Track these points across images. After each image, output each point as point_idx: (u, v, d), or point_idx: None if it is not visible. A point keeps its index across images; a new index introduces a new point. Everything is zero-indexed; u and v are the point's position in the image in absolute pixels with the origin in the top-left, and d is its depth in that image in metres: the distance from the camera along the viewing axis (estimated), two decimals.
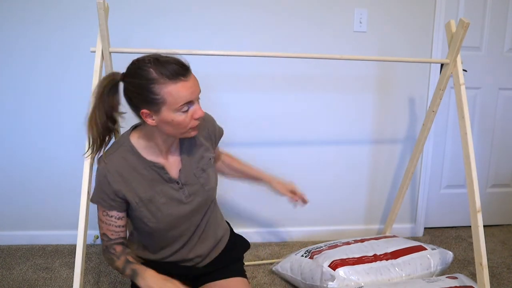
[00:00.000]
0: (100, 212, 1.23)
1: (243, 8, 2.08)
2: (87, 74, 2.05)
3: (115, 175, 1.18)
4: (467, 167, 1.64)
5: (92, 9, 2.01)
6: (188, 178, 1.26)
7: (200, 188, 1.28)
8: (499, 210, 2.59)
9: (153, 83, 1.07)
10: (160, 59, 1.10)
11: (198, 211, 1.30)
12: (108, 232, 1.23)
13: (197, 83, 1.13)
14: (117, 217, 1.22)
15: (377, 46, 2.21)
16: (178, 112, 1.10)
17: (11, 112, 2.09)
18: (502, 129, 2.48)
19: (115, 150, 1.21)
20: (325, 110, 2.24)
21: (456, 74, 1.71)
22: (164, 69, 1.07)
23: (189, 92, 1.09)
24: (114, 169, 1.18)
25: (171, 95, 1.07)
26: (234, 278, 1.37)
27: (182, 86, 1.08)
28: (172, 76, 1.07)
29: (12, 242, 2.20)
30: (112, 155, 1.20)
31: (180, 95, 1.08)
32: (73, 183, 2.16)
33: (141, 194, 1.21)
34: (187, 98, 1.09)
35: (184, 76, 1.08)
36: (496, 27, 2.33)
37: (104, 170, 1.18)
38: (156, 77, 1.07)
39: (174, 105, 1.08)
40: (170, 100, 1.08)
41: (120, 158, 1.20)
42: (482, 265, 1.56)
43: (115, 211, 1.21)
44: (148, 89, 1.08)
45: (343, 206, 2.38)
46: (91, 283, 1.85)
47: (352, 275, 1.66)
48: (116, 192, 1.18)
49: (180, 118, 1.11)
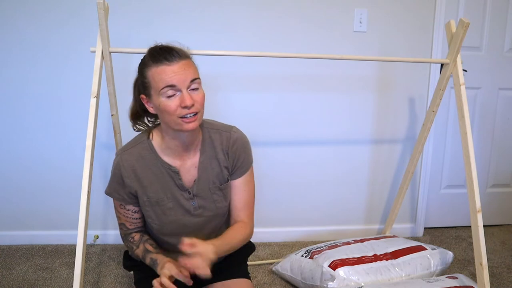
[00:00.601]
0: (117, 204, 1.25)
1: (242, 8, 2.08)
2: (87, 74, 2.05)
3: (129, 170, 1.20)
4: (467, 167, 1.64)
5: (92, 9, 2.01)
6: (201, 191, 1.24)
7: (211, 205, 1.26)
8: (499, 210, 2.59)
9: (143, 66, 1.12)
10: (158, 45, 1.14)
11: (205, 225, 1.28)
12: (126, 223, 1.26)
13: (187, 70, 1.09)
14: (134, 211, 1.24)
15: (377, 46, 2.21)
16: (163, 97, 1.09)
17: (11, 112, 2.09)
18: (502, 129, 2.48)
19: (133, 146, 1.23)
20: (325, 110, 2.24)
21: (456, 74, 1.71)
22: (152, 53, 1.12)
23: (170, 76, 1.07)
24: (129, 165, 1.20)
25: (153, 77, 1.10)
26: (238, 279, 1.37)
27: (163, 70, 1.08)
28: (155, 59, 1.10)
29: (12, 242, 2.20)
30: (130, 150, 1.22)
31: (160, 78, 1.08)
32: (73, 183, 2.16)
33: (150, 194, 1.21)
34: (168, 82, 1.07)
35: (167, 60, 1.08)
36: (496, 27, 2.33)
37: (119, 164, 1.20)
38: (146, 60, 1.12)
39: (157, 88, 1.09)
40: (153, 83, 1.10)
41: (137, 155, 1.21)
42: (482, 265, 1.56)
43: (131, 205, 1.24)
44: (141, 73, 1.14)
45: (343, 206, 2.38)
46: (91, 283, 1.85)
47: (352, 275, 1.66)
48: (128, 188, 1.20)
49: (166, 104, 1.09)
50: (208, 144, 1.25)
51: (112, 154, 2.14)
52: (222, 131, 1.26)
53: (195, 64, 1.16)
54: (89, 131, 1.45)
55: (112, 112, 1.69)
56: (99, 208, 2.21)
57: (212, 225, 1.30)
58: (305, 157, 2.28)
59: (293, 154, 2.27)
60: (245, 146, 1.28)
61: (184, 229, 1.24)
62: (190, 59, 1.15)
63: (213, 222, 1.29)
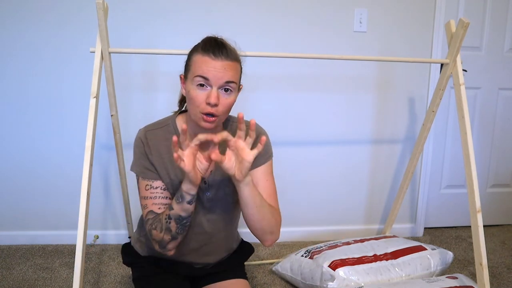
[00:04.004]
0: (142, 188, 1.20)
1: (242, 9, 2.08)
2: (87, 75, 2.05)
3: (153, 149, 1.20)
4: (467, 167, 1.64)
5: (91, 10, 2.01)
6: (215, 182, 1.23)
7: (223, 197, 1.25)
8: (499, 210, 2.59)
9: (194, 49, 1.15)
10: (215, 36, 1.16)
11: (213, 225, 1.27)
12: (155, 207, 1.18)
13: (227, 71, 1.09)
14: (162, 188, 1.20)
15: (377, 46, 2.21)
16: (194, 85, 1.10)
17: (11, 112, 2.09)
18: (502, 129, 2.48)
19: (159, 127, 1.23)
20: (325, 110, 2.24)
21: (456, 74, 1.71)
22: (206, 42, 1.13)
23: (209, 69, 1.08)
24: (154, 144, 1.20)
25: (195, 63, 1.11)
26: (235, 280, 1.37)
27: (206, 61, 1.09)
28: (205, 48, 1.11)
29: (12, 242, 2.20)
30: (155, 131, 1.22)
31: (200, 66, 1.09)
32: (73, 183, 2.16)
33: (173, 177, 1.20)
34: (204, 72, 1.08)
35: (214, 54, 1.09)
36: (496, 27, 2.33)
37: (142, 141, 1.20)
38: (198, 45, 1.14)
39: (193, 74, 1.11)
40: (192, 68, 1.12)
41: (162, 136, 1.21)
42: (482, 265, 1.56)
43: (159, 180, 1.20)
44: (189, 54, 1.16)
45: (343, 206, 2.38)
46: (91, 283, 1.85)
47: (352, 275, 1.66)
48: (153, 164, 1.20)
49: (194, 93, 1.10)
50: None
51: (112, 154, 2.14)
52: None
53: (240, 69, 1.16)
54: (88, 131, 1.45)
55: (112, 112, 1.69)
56: (99, 208, 2.21)
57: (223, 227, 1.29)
58: (305, 157, 2.28)
59: (292, 154, 2.27)
60: (266, 137, 1.28)
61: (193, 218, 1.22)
62: (237, 63, 1.14)
63: (221, 223, 1.28)
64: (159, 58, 2.08)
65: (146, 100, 2.12)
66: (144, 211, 1.19)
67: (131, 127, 2.09)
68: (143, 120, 2.12)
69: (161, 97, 2.12)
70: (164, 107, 2.12)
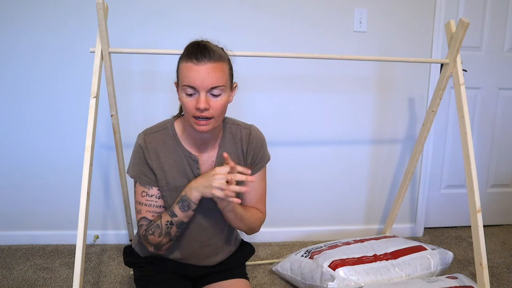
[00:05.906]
0: (138, 193, 1.24)
1: (242, 9, 2.08)
2: (87, 75, 2.05)
3: (152, 153, 1.21)
4: (467, 167, 1.64)
5: (91, 10, 2.01)
6: None
7: None
8: (499, 210, 2.59)
9: (180, 56, 1.16)
10: (197, 41, 1.16)
11: (213, 226, 1.29)
12: (149, 214, 1.23)
13: (211, 74, 1.09)
14: (157, 196, 1.23)
15: (377, 46, 2.21)
16: (183, 93, 1.12)
17: (11, 112, 2.09)
18: (502, 129, 2.48)
19: (157, 130, 1.25)
20: (325, 110, 2.24)
21: (456, 74, 1.71)
22: (188, 47, 1.14)
23: (193, 77, 1.09)
24: (152, 147, 1.22)
25: (181, 71, 1.13)
26: (236, 280, 1.37)
27: (189, 68, 1.10)
28: (187, 54, 1.12)
29: (12, 242, 2.20)
30: (154, 135, 1.24)
31: (185, 75, 1.11)
32: (73, 183, 2.16)
33: (169, 180, 1.22)
34: (190, 82, 1.09)
35: (197, 59, 1.09)
36: (496, 27, 2.33)
37: (142, 145, 1.22)
38: (182, 53, 1.15)
39: (181, 83, 1.13)
40: (180, 76, 1.14)
41: (160, 139, 1.23)
42: (482, 265, 1.56)
43: (155, 188, 1.23)
44: (177, 63, 1.17)
45: (343, 206, 2.38)
46: (91, 283, 1.85)
47: (352, 275, 1.66)
48: (151, 169, 1.21)
49: (185, 100, 1.12)
50: (229, 139, 1.28)
51: (112, 154, 2.14)
52: (242, 127, 1.30)
53: (227, 68, 1.16)
54: (88, 131, 1.45)
55: (112, 112, 1.69)
56: (99, 208, 2.21)
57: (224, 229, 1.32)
58: (305, 157, 2.28)
59: (292, 154, 2.27)
60: (263, 143, 1.32)
61: (194, 220, 1.24)
62: (223, 63, 1.14)
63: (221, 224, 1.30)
64: (159, 58, 2.08)
65: (146, 100, 2.12)
66: (137, 215, 1.25)
67: (131, 127, 2.09)
68: (143, 120, 2.12)
69: (161, 97, 2.12)
70: (164, 107, 2.12)
